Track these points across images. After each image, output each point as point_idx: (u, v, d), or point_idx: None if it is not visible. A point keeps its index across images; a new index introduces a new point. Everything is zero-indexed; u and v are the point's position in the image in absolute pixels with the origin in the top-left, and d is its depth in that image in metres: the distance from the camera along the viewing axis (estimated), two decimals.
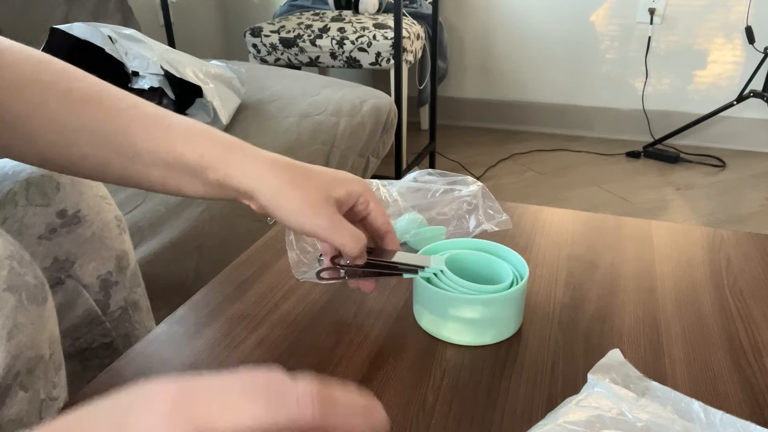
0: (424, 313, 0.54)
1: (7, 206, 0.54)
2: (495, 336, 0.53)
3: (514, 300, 0.52)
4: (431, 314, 0.53)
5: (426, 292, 0.53)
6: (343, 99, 1.48)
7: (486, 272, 0.56)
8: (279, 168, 0.46)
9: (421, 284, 0.53)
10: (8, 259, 0.43)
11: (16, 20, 1.54)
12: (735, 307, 0.57)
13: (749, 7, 2.21)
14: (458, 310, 0.51)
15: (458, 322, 0.52)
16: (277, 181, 0.46)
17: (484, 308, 0.51)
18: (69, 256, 0.60)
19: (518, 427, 0.44)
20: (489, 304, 0.51)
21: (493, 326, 0.52)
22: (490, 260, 0.56)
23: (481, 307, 0.51)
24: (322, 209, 0.46)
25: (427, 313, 0.54)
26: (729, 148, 2.44)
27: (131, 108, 0.47)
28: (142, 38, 1.18)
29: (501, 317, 0.52)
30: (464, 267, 0.56)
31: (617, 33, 2.45)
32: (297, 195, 0.45)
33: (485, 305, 0.51)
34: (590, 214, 0.76)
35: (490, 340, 0.53)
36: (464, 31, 2.67)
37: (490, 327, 0.52)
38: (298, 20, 2.15)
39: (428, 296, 0.53)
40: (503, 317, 0.52)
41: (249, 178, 0.46)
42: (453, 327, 0.52)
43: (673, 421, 0.38)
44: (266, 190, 0.45)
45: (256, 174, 0.46)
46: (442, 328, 0.53)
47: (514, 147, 2.54)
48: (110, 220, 0.64)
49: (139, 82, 1.16)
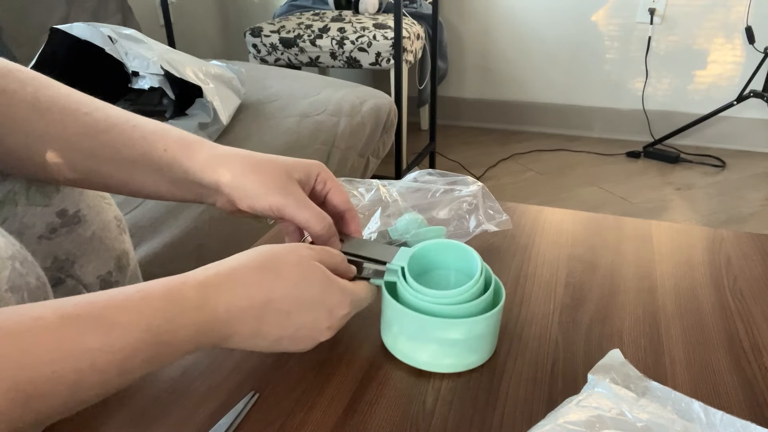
0: (388, 334, 0.51)
1: (7, 206, 0.54)
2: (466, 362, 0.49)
3: (484, 323, 0.48)
4: (397, 335, 0.50)
5: (388, 308, 0.50)
6: (343, 99, 1.48)
7: (455, 267, 0.53)
8: (240, 156, 0.49)
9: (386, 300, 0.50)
10: (10, 259, 0.43)
11: (16, 20, 1.54)
12: (735, 307, 0.57)
13: (749, 7, 2.21)
14: (425, 332, 0.48)
15: (434, 345, 0.48)
16: (240, 167, 0.48)
17: (459, 330, 0.47)
18: (69, 256, 0.60)
19: (518, 427, 0.44)
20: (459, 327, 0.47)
21: (468, 350, 0.49)
22: (459, 252, 0.53)
23: (456, 329, 0.47)
24: (287, 188, 0.48)
25: (392, 333, 0.51)
26: (729, 148, 2.44)
27: (96, 111, 0.49)
28: (142, 38, 1.18)
29: (472, 340, 0.48)
30: (433, 260, 0.53)
31: (617, 33, 2.45)
32: (260, 177, 0.48)
33: (457, 327, 0.47)
34: (590, 214, 0.76)
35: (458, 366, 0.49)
36: (464, 31, 2.67)
37: (465, 351, 0.49)
38: (298, 20, 2.15)
39: (393, 314, 0.49)
40: (474, 340, 0.48)
41: (211, 168, 0.48)
42: (430, 350, 0.49)
43: (673, 421, 0.38)
44: (230, 176, 0.48)
45: (218, 163, 0.48)
46: (416, 351, 0.49)
47: (514, 147, 2.54)
48: (110, 220, 0.64)
49: (139, 82, 1.16)
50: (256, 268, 0.41)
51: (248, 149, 0.51)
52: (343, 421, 0.45)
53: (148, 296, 0.36)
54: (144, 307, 0.35)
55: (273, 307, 0.41)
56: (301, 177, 0.50)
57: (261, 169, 0.48)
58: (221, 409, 0.46)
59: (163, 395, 0.48)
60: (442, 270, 0.54)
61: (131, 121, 0.50)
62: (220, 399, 0.47)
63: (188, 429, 0.44)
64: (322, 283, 0.43)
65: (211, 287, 0.39)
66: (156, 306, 0.36)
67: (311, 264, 0.43)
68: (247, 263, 0.41)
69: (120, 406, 0.47)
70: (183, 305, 0.37)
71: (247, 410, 0.46)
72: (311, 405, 0.46)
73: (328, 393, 0.47)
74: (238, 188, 0.48)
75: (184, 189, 0.50)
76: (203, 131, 1.20)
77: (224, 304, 0.39)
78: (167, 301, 0.36)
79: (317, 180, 0.52)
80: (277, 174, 0.48)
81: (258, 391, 0.47)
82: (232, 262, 0.41)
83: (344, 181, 0.71)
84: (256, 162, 0.49)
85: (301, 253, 0.44)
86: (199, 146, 0.49)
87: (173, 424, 0.45)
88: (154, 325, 0.35)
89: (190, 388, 0.48)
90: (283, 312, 0.42)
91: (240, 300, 0.40)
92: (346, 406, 0.46)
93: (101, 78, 1.22)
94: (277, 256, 0.43)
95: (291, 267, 0.42)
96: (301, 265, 0.43)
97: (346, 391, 0.48)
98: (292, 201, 0.48)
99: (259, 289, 0.41)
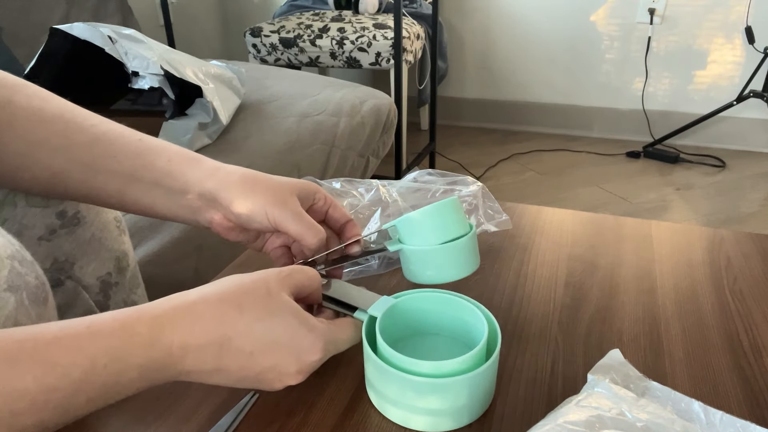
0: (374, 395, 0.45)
1: (6, 207, 0.54)
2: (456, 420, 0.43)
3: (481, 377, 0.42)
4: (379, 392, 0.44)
5: (370, 367, 0.44)
6: (343, 99, 1.48)
7: (453, 322, 0.48)
8: (242, 170, 0.50)
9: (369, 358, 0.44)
10: (9, 258, 0.43)
11: (16, 20, 1.54)
12: (735, 307, 0.57)
13: (749, 7, 2.21)
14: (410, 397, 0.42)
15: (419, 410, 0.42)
16: (241, 179, 0.49)
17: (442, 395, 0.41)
18: (69, 257, 0.60)
19: (518, 427, 0.44)
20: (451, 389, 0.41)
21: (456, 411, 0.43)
22: (456, 305, 0.48)
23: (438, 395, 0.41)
24: (287, 201, 0.49)
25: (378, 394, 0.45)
26: (729, 148, 2.44)
27: (102, 124, 0.50)
28: (142, 38, 1.18)
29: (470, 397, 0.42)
30: (425, 311, 0.48)
31: (617, 33, 2.45)
32: (260, 192, 0.48)
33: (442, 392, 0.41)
34: (590, 214, 0.76)
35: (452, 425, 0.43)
36: (464, 31, 2.66)
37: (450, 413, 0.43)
38: (298, 20, 2.15)
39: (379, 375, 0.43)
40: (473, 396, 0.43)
41: (212, 181, 0.49)
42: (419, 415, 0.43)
43: (673, 421, 0.38)
44: (230, 190, 0.48)
45: (220, 174, 0.49)
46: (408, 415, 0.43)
47: (514, 147, 2.54)
48: (109, 221, 0.64)
49: (139, 82, 1.16)
50: (217, 302, 0.39)
51: (248, 149, 0.51)
52: (343, 421, 0.45)
53: (98, 333, 0.34)
54: (90, 346, 0.34)
55: (233, 346, 0.38)
56: (300, 194, 0.50)
57: (262, 182, 0.49)
58: (221, 409, 0.46)
59: (163, 395, 0.48)
60: (431, 336, 0.49)
61: (137, 135, 0.51)
62: (220, 399, 0.47)
63: (188, 429, 0.44)
64: (289, 324, 0.40)
65: (167, 323, 0.37)
66: (103, 344, 0.34)
67: (279, 298, 0.40)
68: (208, 296, 0.39)
69: (120, 405, 0.47)
70: (133, 342, 0.35)
71: (247, 410, 0.46)
72: (311, 405, 0.46)
73: (328, 393, 0.47)
74: (239, 203, 0.48)
75: (180, 203, 0.50)
76: (203, 131, 1.20)
77: (178, 342, 0.36)
78: (116, 338, 0.35)
79: (316, 198, 0.53)
80: (278, 188, 0.49)
81: (258, 391, 0.47)
82: (193, 295, 0.39)
83: (344, 181, 0.71)
84: (256, 176, 0.50)
85: (269, 285, 0.40)
86: (202, 159, 0.51)
87: (173, 424, 0.45)
88: (100, 365, 0.33)
89: (190, 388, 0.48)
90: (244, 352, 0.38)
91: (196, 337, 0.37)
92: (346, 406, 0.46)
93: (101, 78, 1.22)
94: (242, 288, 0.40)
95: (256, 301, 0.39)
96: (268, 300, 0.40)
97: (346, 391, 0.48)
98: (290, 214, 0.48)
99: (219, 324, 0.38)
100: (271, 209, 0.48)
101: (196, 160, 0.50)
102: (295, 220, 0.48)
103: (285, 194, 0.49)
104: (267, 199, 0.48)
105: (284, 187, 0.50)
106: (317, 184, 0.55)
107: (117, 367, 0.34)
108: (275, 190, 0.49)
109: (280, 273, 0.42)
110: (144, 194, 0.50)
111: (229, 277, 0.41)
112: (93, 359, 0.33)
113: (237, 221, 0.50)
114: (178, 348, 0.36)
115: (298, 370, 0.40)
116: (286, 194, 0.49)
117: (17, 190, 0.54)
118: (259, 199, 0.48)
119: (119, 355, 0.34)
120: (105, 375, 0.34)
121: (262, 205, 0.48)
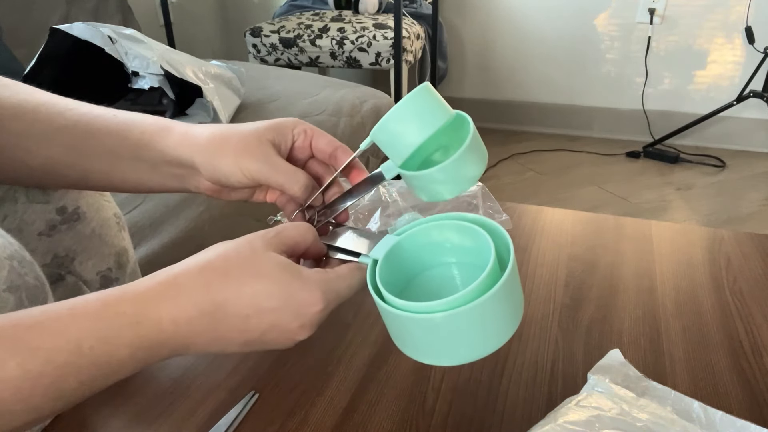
0: (399, 340, 0.41)
1: (7, 203, 0.55)
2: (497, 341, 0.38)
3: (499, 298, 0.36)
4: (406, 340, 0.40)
5: (388, 318, 0.39)
6: (343, 99, 1.48)
7: (464, 248, 0.43)
8: (210, 128, 0.47)
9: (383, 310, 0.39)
10: (8, 259, 0.43)
11: (16, 20, 1.54)
12: (735, 307, 0.57)
13: (749, 7, 2.21)
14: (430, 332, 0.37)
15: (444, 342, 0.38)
16: (207, 142, 0.46)
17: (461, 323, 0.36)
18: (69, 252, 0.60)
19: (518, 427, 0.44)
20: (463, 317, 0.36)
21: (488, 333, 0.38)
22: (461, 232, 0.42)
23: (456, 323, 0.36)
24: (258, 152, 0.45)
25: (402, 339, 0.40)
26: (729, 148, 2.44)
27: (81, 107, 0.49)
28: (142, 38, 1.18)
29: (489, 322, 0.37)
30: (433, 244, 0.44)
31: (617, 33, 2.45)
32: (230, 148, 0.45)
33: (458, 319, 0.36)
34: (590, 214, 0.76)
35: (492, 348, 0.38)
36: (464, 31, 2.66)
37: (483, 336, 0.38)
38: (298, 20, 2.15)
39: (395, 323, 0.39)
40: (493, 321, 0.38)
41: (183, 147, 0.46)
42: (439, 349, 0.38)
43: (672, 421, 0.38)
44: (202, 153, 0.46)
45: (189, 142, 0.47)
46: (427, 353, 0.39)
47: (514, 147, 2.54)
48: (109, 218, 0.64)
49: (139, 82, 1.16)
50: (200, 272, 0.37)
51: None
52: (343, 421, 0.45)
53: (80, 315, 0.33)
54: (73, 328, 0.33)
55: (226, 312, 0.36)
56: (273, 137, 0.46)
57: (230, 137, 0.46)
58: (221, 409, 0.46)
59: (163, 395, 0.48)
60: (440, 267, 0.44)
61: (112, 112, 0.49)
62: (220, 399, 0.47)
63: (188, 429, 0.44)
64: (280, 280, 0.38)
65: (151, 299, 0.35)
66: (87, 326, 0.33)
67: (266, 256, 0.38)
68: (191, 267, 0.38)
69: (120, 405, 0.47)
70: (118, 322, 0.34)
71: (247, 410, 0.46)
72: (311, 405, 0.46)
73: (328, 393, 0.47)
74: (212, 164, 0.46)
75: (165, 174, 0.49)
76: None
77: (167, 317, 0.35)
78: (100, 319, 0.33)
79: (295, 134, 0.48)
80: (247, 139, 0.45)
81: (258, 391, 0.47)
82: (176, 269, 0.38)
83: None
84: (224, 131, 0.46)
85: (254, 245, 0.39)
86: (173, 126, 0.48)
87: (173, 424, 0.45)
88: (86, 347, 0.32)
89: (190, 388, 0.48)
90: (239, 316, 0.37)
91: (184, 309, 0.36)
92: (346, 406, 0.46)
93: (101, 78, 1.22)
94: (226, 254, 0.38)
95: (241, 264, 0.38)
96: (254, 260, 0.38)
97: (346, 391, 0.48)
98: (263, 165, 0.45)
99: (206, 293, 0.36)
100: (244, 164, 0.45)
101: (167, 129, 0.48)
102: (271, 170, 0.45)
103: (255, 144, 0.45)
104: (238, 154, 0.45)
105: (253, 136, 0.46)
106: None
107: (105, 349, 0.33)
108: (245, 143, 0.45)
109: (267, 234, 0.40)
110: (129, 170, 0.49)
111: (213, 246, 0.40)
112: (77, 342, 0.32)
113: (219, 183, 0.47)
114: (168, 323, 0.35)
115: (301, 325, 0.38)
116: (256, 144, 0.45)
117: (19, 185, 0.54)
118: (229, 157, 0.45)
119: (105, 336, 0.33)
120: (92, 357, 0.33)
121: (235, 163, 0.45)
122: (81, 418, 0.46)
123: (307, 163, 0.50)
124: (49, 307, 0.34)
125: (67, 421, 0.46)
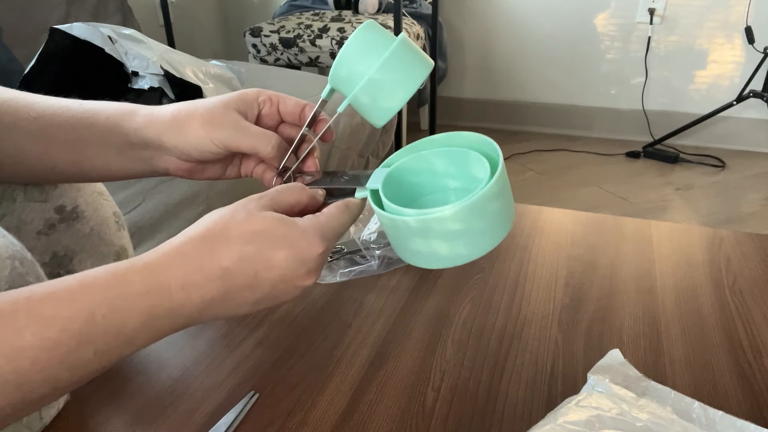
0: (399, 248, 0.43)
1: (5, 202, 0.55)
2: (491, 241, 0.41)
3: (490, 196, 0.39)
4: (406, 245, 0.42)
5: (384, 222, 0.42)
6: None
7: (455, 173, 0.46)
8: (171, 109, 0.48)
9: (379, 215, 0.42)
10: (10, 259, 0.43)
11: (16, 20, 1.54)
12: (735, 307, 0.57)
13: (749, 7, 2.21)
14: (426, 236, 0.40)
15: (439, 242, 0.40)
16: (172, 119, 0.47)
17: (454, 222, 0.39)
18: (68, 251, 0.60)
19: (518, 427, 0.44)
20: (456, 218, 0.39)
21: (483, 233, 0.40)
22: (451, 157, 0.45)
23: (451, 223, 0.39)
24: (226, 119, 0.46)
25: (403, 246, 0.43)
26: (729, 148, 2.44)
27: (50, 99, 0.49)
28: (142, 38, 1.18)
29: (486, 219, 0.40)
30: (424, 172, 0.46)
31: (617, 33, 2.45)
32: (197, 121, 0.46)
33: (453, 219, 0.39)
34: (590, 214, 0.76)
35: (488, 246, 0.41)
36: (464, 31, 2.67)
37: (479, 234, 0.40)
38: (298, 20, 2.15)
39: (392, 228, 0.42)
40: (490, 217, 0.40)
41: (149, 128, 0.47)
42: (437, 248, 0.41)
43: (672, 421, 0.38)
44: (169, 130, 0.47)
45: (155, 122, 0.47)
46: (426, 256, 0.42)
47: (514, 147, 2.54)
48: (108, 216, 0.64)
49: (139, 82, 1.16)
50: (202, 238, 0.38)
51: None
52: (343, 421, 0.45)
53: (90, 285, 0.34)
54: (85, 297, 0.33)
55: (235, 272, 0.38)
56: (239, 106, 0.48)
57: (195, 110, 0.47)
58: (221, 409, 0.46)
59: (163, 395, 0.48)
60: (438, 194, 0.47)
61: (78, 102, 0.50)
62: (220, 399, 0.47)
63: (188, 429, 0.44)
64: (279, 233, 0.39)
65: (159, 268, 0.36)
66: (98, 295, 0.34)
67: (261, 215, 0.40)
68: (192, 236, 0.39)
69: (120, 405, 0.47)
70: (129, 291, 0.35)
71: (247, 410, 0.46)
72: (311, 405, 0.46)
73: (328, 393, 0.47)
74: (181, 139, 0.46)
75: (132, 158, 0.49)
76: None
77: (176, 284, 0.36)
78: (110, 288, 0.34)
79: (260, 102, 0.50)
80: (213, 110, 0.47)
81: (258, 391, 0.47)
82: (179, 239, 0.39)
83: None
84: (188, 106, 0.48)
85: (248, 207, 0.40)
86: (138, 109, 0.49)
87: (173, 424, 0.45)
88: (98, 315, 0.33)
89: (190, 388, 0.48)
90: (248, 275, 0.38)
91: (192, 275, 0.37)
92: (346, 406, 0.46)
93: (101, 78, 1.22)
94: (223, 219, 0.39)
95: (239, 225, 0.39)
96: (251, 221, 0.39)
97: (346, 391, 0.48)
98: (232, 131, 0.46)
99: (211, 258, 0.37)
100: (213, 133, 0.46)
101: (132, 112, 0.49)
102: (241, 134, 0.46)
103: (222, 113, 0.47)
104: (206, 124, 0.46)
105: (219, 106, 0.47)
106: None
107: (117, 316, 0.34)
108: (212, 113, 0.47)
109: (261, 197, 0.42)
110: (96, 157, 0.50)
111: (208, 214, 0.41)
112: (90, 310, 0.33)
113: (190, 159, 0.48)
114: (178, 290, 0.36)
115: (308, 271, 0.40)
116: (223, 112, 0.47)
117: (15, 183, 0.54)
118: (197, 129, 0.46)
119: (117, 304, 0.34)
120: (105, 325, 0.33)
121: (204, 133, 0.46)
122: (81, 418, 0.46)
123: (277, 130, 0.51)
124: (58, 281, 0.34)
125: (67, 421, 0.46)
